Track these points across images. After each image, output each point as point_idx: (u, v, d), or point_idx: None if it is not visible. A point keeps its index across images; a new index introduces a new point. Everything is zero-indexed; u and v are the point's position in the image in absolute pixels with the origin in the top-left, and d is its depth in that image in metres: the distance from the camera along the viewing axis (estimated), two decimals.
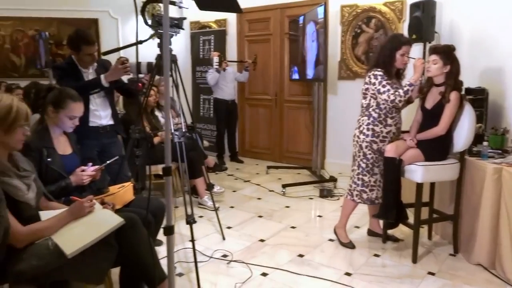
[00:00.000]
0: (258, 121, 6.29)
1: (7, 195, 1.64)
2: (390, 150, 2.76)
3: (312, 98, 5.24)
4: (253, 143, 6.42)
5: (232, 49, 6.27)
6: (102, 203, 1.96)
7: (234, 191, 4.61)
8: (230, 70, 5.74)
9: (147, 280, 1.81)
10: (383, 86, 2.79)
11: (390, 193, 2.78)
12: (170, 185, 1.32)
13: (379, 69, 2.84)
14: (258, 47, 6.05)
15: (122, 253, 1.79)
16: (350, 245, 3.08)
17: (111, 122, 3.04)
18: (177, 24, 2.67)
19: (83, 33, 2.89)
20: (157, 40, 2.72)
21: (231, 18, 6.26)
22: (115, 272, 2.06)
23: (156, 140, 4.02)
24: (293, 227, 3.52)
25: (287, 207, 4.06)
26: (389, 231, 3.15)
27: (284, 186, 4.55)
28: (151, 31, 2.70)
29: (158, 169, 4.08)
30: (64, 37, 6.78)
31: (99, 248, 1.72)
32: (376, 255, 2.94)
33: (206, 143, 5.65)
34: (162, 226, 2.16)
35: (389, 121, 2.89)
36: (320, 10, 4.38)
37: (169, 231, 1.39)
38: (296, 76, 5.34)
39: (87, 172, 2.28)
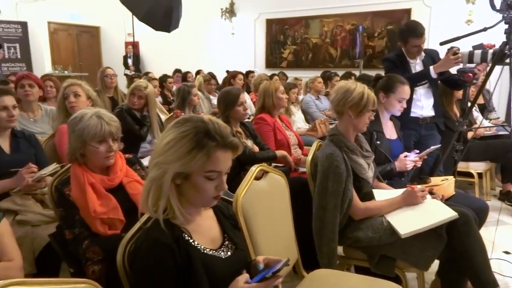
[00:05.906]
0: None
1: (353, 171, 1.90)
2: None
3: None
4: None
5: None
6: (431, 193, 1.97)
7: None
8: None
9: (475, 282, 1.72)
10: None
11: None
12: None
13: None
14: None
15: (451, 246, 1.75)
16: None
17: (431, 113, 2.99)
18: None
19: (412, 26, 2.94)
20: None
21: None
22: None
23: (469, 135, 3.71)
24: None
25: None
26: None
27: None
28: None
29: (468, 166, 3.79)
30: (377, 30, 7.21)
31: (429, 236, 1.76)
32: None
33: None
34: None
35: None
36: None
37: None
38: None
39: (410, 158, 2.36)
